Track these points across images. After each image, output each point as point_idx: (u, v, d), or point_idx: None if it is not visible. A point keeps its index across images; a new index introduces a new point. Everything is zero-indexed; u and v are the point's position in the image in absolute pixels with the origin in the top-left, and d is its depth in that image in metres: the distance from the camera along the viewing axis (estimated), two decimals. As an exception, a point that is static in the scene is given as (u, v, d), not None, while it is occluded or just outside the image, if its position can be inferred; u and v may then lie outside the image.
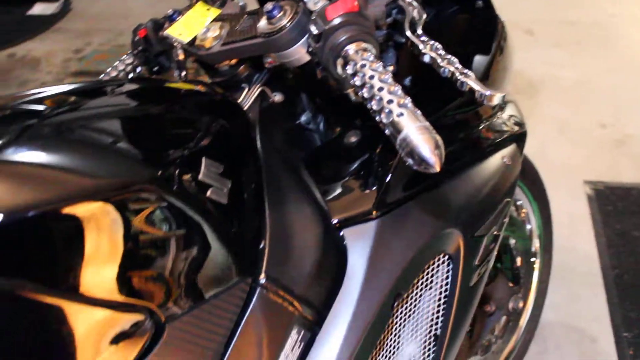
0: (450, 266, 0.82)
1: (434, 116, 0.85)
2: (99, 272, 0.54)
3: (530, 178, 1.34)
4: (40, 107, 0.58)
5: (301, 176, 0.77)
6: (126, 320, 0.57)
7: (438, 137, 0.59)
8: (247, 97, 0.82)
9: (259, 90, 0.82)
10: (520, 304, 1.31)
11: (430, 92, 0.88)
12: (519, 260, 1.35)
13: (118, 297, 0.55)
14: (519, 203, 1.32)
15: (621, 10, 3.08)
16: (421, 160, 0.58)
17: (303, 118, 0.89)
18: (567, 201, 1.99)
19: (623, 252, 1.80)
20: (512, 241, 1.28)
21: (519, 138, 1.00)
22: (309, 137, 0.88)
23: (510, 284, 1.27)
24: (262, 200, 0.70)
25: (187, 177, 0.61)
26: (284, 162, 0.76)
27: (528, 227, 1.36)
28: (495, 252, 0.91)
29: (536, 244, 1.41)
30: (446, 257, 0.81)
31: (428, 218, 0.78)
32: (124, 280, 0.56)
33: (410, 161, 0.59)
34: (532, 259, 1.43)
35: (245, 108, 0.81)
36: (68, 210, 0.50)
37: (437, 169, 0.58)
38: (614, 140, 2.24)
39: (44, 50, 3.22)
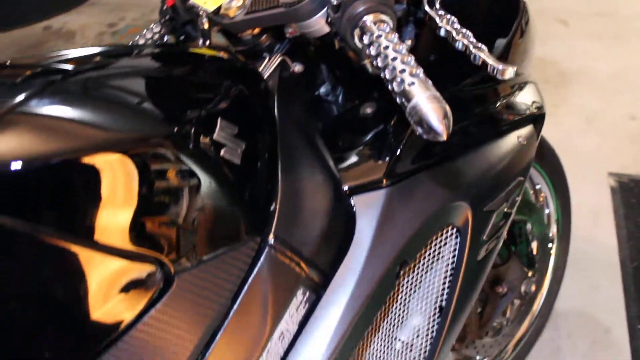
0: (458, 239, 0.83)
1: (450, 90, 0.86)
2: (114, 221, 0.57)
3: (550, 163, 1.34)
4: (67, 66, 0.61)
5: (316, 144, 0.79)
6: (137, 269, 0.60)
7: (447, 107, 0.61)
8: (268, 66, 0.84)
9: (280, 59, 0.84)
10: (533, 288, 1.32)
11: (449, 67, 0.89)
12: (534, 245, 1.35)
13: (130, 247, 0.58)
14: (537, 187, 1.33)
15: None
16: (429, 128, 0.60)
17: (322, 89, 0.90)
18: (590, 192, 1.98)
19: (643, 245, 1.79)
20: (529, 225, 1.29)
21: (537, 120, 1.00)
22: (326, 108, 0.90)
23: (524, 268, 1.28)
24: (275, 164, 0.72)
25: (202, 135, 0.63)
26: (300, 129, 0.78)
27: (546, 211, 1.37)
28: (505, 230, 0.92)
29: (554, 230, 1.42)
30: (454, 230, 0.83)
31: (437, 190, 0.79)
32: (137, 231, 0.58)
33: (419, 129, 0.61)
34: (549, 245, 1.43)
35: (265, 76, 0.83)
36: (86, 160, 0.53)
37: (444, 137, 0.60)
38: (643, 133, 2.21)
39: (79, 23, 3.29)
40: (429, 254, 0.82)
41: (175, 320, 0.63)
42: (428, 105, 0.60)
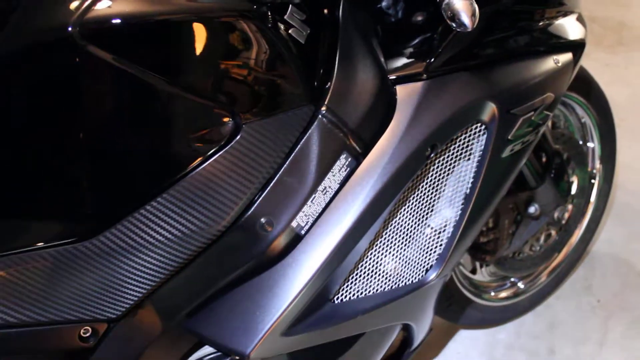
0: (485, 135, 0.97)
1: (500, 2, 0.98)
2: (202, 73, 0.74)
3: (597, 103, 1.42)
4: None
5: (370, 39, 0.93)
6: (214, 115, 0.76)
7: (476, 6, 0.74)
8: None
9: None
10: (566, 215, 1.43)
11: None
12: (574, 178, 1.46)
13: (211, 95, 0.75)
14: (583, 121, 1.42)
15: None
16: (460, 22, 0.74)
17: (384, 3, 1.03)
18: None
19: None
20: (565, 154, 1.39)
21: (577, 48, 1.11)
22: (384, 17, 1.03)
23: (559, 195, 1.39)
24: (334, 51, 0.87)
25: (274, 14, 0.79)
26: (359, 27, 0.92)
27: (590, 145, 1.46)
28: (533, 139, 1.04)
29: (597, 166, 1.51)
30: (482, 126, 0.96)
31: (470, 87, 0.92)
32: (217, 83, 0.75)
33: (452, 24, 0.75)
34: (592, 181, 1.53)
35: None
36: (183, 20, 0.71)
37: (470, 29, 0.74)
38: None
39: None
40: (458, 145, 0.96)
41: (236, 166, 0.78)
42: (460, 2, 0.74)
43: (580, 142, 1.46)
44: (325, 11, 0.88)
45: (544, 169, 1.34)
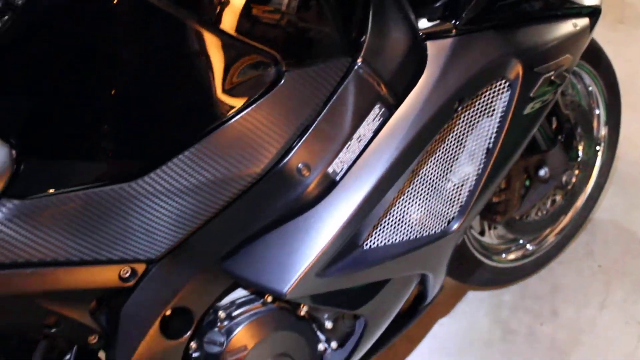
0: (509, 92, 1.01)
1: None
2: (248, 19, 0.77)
3: (604, 71, 1.47)
4: None
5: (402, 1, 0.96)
6: (257, 60, 0.79)
7: None
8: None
9: None
10: (573, 180, 1.48)
11: None
12: (582, 144, 1.51)
13: (255, 41, 0.78)
14: (590, 89, 1.47)
15: None
16: None
17: None
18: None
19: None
20: (574, 121, 1.44)
21: (593, 14, 1.15)
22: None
23: (567, 159, 1.44)
24: (368, 7, 0.91)
25: None
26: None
27: (596, 112, 1.51)
28: (552, 99, 1.08)
29: (602, 133, 1.56)
30: (507, 83, 1.00)
31: (497, 45, 0.96)
32: (262, 30, 0.78)
33: None
34: (597, 147, 1.58)
35: None
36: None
37: None
38: None
39: None
40: (484, 100, 0.99)
41: (277, 112, 0.82)
42: None
43: (588, 109, 1.51)
44: None
45: (555, 134, 1.39)
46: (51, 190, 0.75)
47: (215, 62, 0.77)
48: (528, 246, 1.60)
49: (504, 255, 1.58)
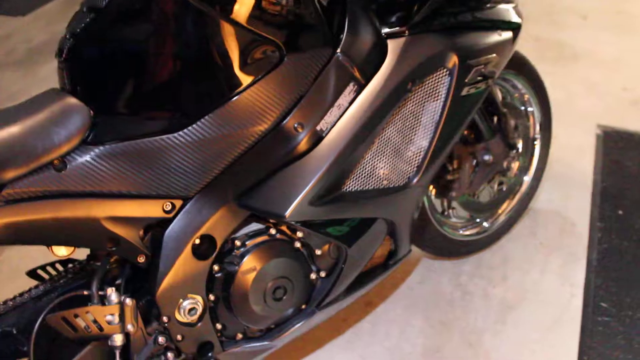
0: (449, 78, 1.28)
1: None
2: (254, 11, 1.03)
3: (532, 78, 1.75)
4: None
5: (369, 7, 1.24)
6: (261, 45, 1.04)
7: None
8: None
9: None
10: (513, 165, 1.74)
11: None
12: (520, 141, 1.78)
13: (260, 29, 1.03)
14: (522, 92, 1.75)
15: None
16: None
17: None
18: (581, 135, 2.36)
19: (613, 172, 2.17)
20: (512, 121, 1.71)
21: (515, 29, 1.44)
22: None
23: (507, 148, 1.70)
24: (344, 13, 1.18)
25: None
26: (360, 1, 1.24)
27: (530, 109, 1.78)
28: (484, 87, 1.35)
29: (537, 129, 1.83)
30: (447, 71, 1.27)
31: (439, 42, 1.24)
32: (265, 19, 1.04)
33: None
34: (534, 143, 1.85)
35: None
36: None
37: None
38: (631, 100, 2.57)
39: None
40: (430, 84, 1.27)
41: (279, 85, 1.07)
42: None
43: (522, 108, 1.79)
44: None
45: (496, 128, 1.66)
46: (117, 139, 0.99)
47: (232, 47, 1.02)
48: (484, 223, 1.85)
49: (462, 231, 1.82)
